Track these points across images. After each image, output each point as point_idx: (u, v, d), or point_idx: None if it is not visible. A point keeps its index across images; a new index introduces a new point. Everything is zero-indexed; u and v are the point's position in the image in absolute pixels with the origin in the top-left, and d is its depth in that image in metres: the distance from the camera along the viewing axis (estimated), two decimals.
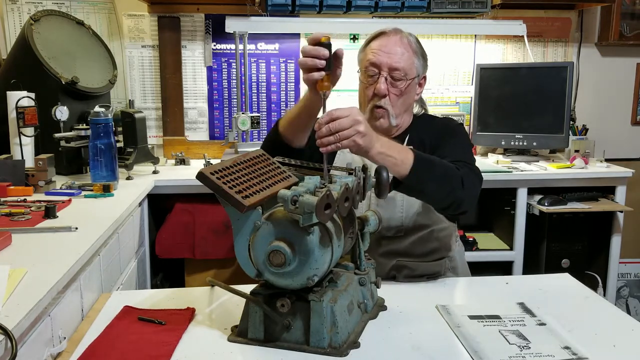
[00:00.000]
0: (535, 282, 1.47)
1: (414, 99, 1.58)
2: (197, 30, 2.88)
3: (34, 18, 2.35)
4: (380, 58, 1.50)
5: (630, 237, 2.97)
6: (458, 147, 1.50)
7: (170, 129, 2.91)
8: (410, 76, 1.52)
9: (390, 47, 1.50)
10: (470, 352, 1.07)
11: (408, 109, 1.59)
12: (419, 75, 1.56)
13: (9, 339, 0.89)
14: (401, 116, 1.56)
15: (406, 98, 1.54)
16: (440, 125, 1.61)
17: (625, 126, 3.19)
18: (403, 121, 1.59)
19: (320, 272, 1.06)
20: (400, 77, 1.50)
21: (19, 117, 2.09)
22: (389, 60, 1.49)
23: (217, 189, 1.03)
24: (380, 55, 1.50)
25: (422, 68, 1.57)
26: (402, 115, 1.57)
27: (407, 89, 1.52)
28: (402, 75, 1.50)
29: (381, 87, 1.49)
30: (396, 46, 1.51)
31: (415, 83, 1.55)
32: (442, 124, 1.63)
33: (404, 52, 1.51)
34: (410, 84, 1.52)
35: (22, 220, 1.57)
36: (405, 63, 1.50)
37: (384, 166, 1.22)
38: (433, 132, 1.58)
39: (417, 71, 1.54)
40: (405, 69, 1.50)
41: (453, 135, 1.56)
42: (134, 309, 1.25)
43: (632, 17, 3.03)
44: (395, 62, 1.49)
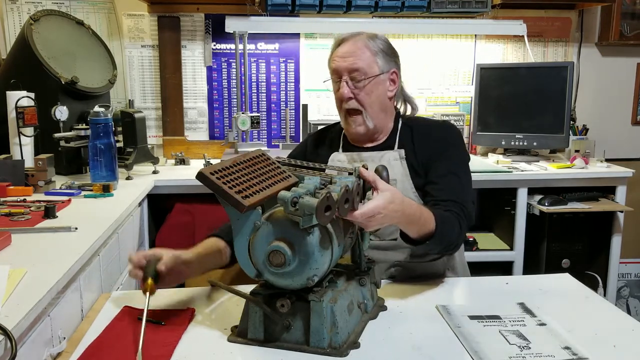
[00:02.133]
0: (536, 282, 1.47)
1: (387, 95, 1.56)
2: (197, 30, 2.88)
3: (33, 18, 2.34)
4: (339, 64, 1.52)
5: (630, 237, 2.97)
6: (455, 179, 1.48)
7: (170, 128, 2.91)
8: (370, 74, 1.51)
9: (348, 52, 1.52)
10: (470, 353, 1.07)
11: (385, 108, 1.57)
12: (384, 71, 1.53)
13: (9, 339, 0.89)
14: (377, 116, 1.54)
15: (376, 96, 1.53)
16: (436, 138, 1.56)
17: (625, 126, 3.19)
18: (384, 122, 1.58)
19: (320, 272, 1.06)
20: (360, 78, 1.50)
21: (19, 117, 2.09)
22: (346, 65, 1.51)
23: (217, 189, 1.03)
24: (337, 62, 1.52)
25: (387, 64, 1.54)
26: (380, 116, 1.55)
27: (372, 87, 1.51)
28: (362, 75, 1.50)
29: (343, 91, 1.51)
30: (352, 48, 1.52)
31: (382, 80, 1.53)
32: (439, 137, 1.56)
33: (361, 53, 1.51)
34: (373, 81, 1.51)
35: (22, 220, 1.56)
36: (363, 63, 1.50)
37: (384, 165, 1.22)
38: (428, 144, 1.54)
39: (380, 68, 1.52)
40: (364, 68, 1.50)
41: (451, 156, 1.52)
42: (134, 309, 1.25)
43: (632, 17, 3.02)
44: (353, 64, 1.50)
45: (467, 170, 1.54)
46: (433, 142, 1.54)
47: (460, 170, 1.51)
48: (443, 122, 1.68)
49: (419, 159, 1.53)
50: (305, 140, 1.76)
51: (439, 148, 1.52)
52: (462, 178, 1.50)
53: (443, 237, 1.31)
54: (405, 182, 1.52)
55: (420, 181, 1.51)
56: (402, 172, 1.53)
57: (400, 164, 1.53)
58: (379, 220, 1.15)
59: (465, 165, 1.55)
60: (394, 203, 1.16)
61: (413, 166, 1.53)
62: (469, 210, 1.43)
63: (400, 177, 1.52)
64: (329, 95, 2.96)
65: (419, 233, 1.28)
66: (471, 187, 1.53)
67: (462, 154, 1.56)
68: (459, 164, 1.52)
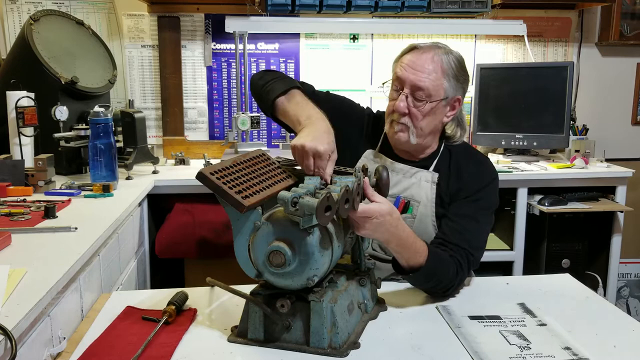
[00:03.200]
0: (536, 282, 1.47)
1: (441, 121, 1.48)
2: (197, 30, 2.88)
3: (33, 18, 2.34)
4: (405, 74, 1.42)
5: (630, 237, 2.97)
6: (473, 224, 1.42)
7: (170, 128, 2.91)
8: (434, 98, 1.41)
9: (419, 64, 1.41)
10: (471, 353, 1.07)
11: (434, 131, 1.49)
12: (448, 97, 1.44)
13: (9, 339, 0.89)
14: (424, 137, 1.47)
15: (431, 120, 1.44)
16: (472, 175, 1.48)
17: (625, 126, 3.19)
18: (429, 143, 1.51)
19: (320, 272, 1.06)
20: (422, 98, 1.41)
21: (19, 117, 2.08)
22: (413, 78, 1.40)
23: (217, 189, 1.03)
24: (406, 71, 1.42)
25: (453, 90, 1.44)
26: (426, 137, 1.48)
27: (430, 111, 1.43)
28: (425, 96, 1.41)
29: (400, 105, 1.42)
30: (425, 64, 1.41)
31: (442, 105, 1.44)
32: (475, 175, 1.48)
33: (432, 71, 1.41)
34: (434, 106, 1.42)
35: (22, 220, 1.56)
36: (430, 83, 1.40)
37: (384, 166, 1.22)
38: (462, 178, 1.47)
39: (445, 93, 1.43)
40: (429, 89, 1.40)
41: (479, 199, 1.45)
42: (136, 309, 1.25)
43: (632, 17, 3.02)
44: (419, 81, 1.40)
45: (490, 217, 1.48)
46: (467, 178, 1.47)
47: (482, 216, 1.45)
48: (484, 160, 1.56)
49: (450, 189, 1.47)
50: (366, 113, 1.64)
51: (470, 186, 1.46)
52: (481, 224, 1.44)
53: (432, 275, 1.29)
54: (427, 207, 1.46)
55: (442, 211, 1.46)
56: (429, 196, 1.47)
57: (430, 188, 1.47)
58: (374, 225, 1.15)
59: (490, 211, 1.48)
60: (392, 217, 1.17)
61: (441, 194, 1.47)
62: (475, 258, 1.39)
63: (425, 200, 1.46)
64: None
65: (408, 262, 1.27)
66: (488, 234, 1.47)
67: (491, 199, 1.48)
68: (483, 209, 1.45)
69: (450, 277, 1.32)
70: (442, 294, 1.35)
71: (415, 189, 1.47)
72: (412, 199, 1.47)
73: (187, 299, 1.28)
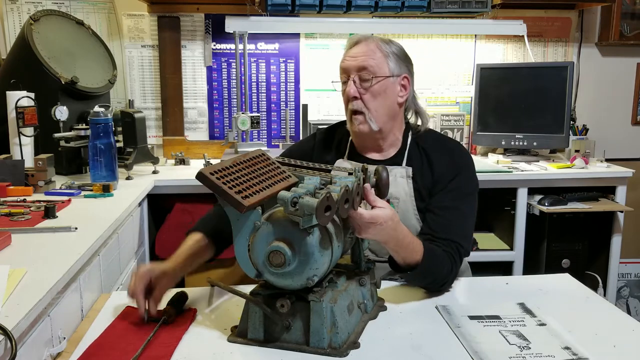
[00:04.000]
0: (536, 282, 1.47)
1: (396, 101, 1.50)
2: (197, 30, 2.88)
3: (33, 18, 2.34)
4: (347, 63, 1.48)
5: (630, 237, 2.97)
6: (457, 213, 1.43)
7: (170, 128, 2.91)
8: (379, 74, 1.45)
9: (358, 52, 1.48)
10: (470, 353, 1.07)
11: (393, 114, 1.51)
12: (394, 74, 1.47)
13: (9, 339, 0.89)
14: (383, 121, 1.48)
15: (383, 100, 1.47)
16: (446, 163, 1.49)
17: (625, 126, 3.19)
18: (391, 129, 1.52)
19: (320, 272, 1.06)
20: (368, 77, 1.45)
21: (19, 117, 2.09)
22: (354, 63, 1.47)
23: (216, 189, 1.03)
24: (348, 61, 1.48)
25: (398, 68, 1.48)
26: (386, 121, 1.49)
27: (380, 89, 1.46)
28: (371, 74, 1.45)
29: (350, 90, 1.46)
30: (364, 49, 1.48)
31: (391, 83, 1.47)
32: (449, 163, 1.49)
33: (372, 53, 1.47)
34: (381, 82, 1.46)
35: (22, 220, 1.56)
36: (373, 62, 1.46)
37: (384, 166, 1.22)
38: (436, 169, 1.48)
39: (390, 71, 1.47)
40: (372, 67, 1.45)
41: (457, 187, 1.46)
42: (136, 309, 1.25)
43: (632, 17, 3.03)
44: (361, 62, 1.46)
45: (472, 201, 1.48)
46: (441, 169, 1.48)
47: (464, 203, 1.45)
48: (454, 147, 1.56)
49: (425, 182, 1.48)
50: (314, 136, 1.69)
51: (445, 176, 1.47)
52: (465, 213, 1.45)
53: (428, 271, 1.30)
54: (408, 203, 1.47)
55: (422, 204, 1.47)
56: (407, 191, 1.48)
57: (406, 183, 1.48)
58: (375, 230, 1.17)
59: (471, 196, 1.48)
60: (392, 221, 1.19)
61: (418, 188, 1.48)
62: (465, 248, 1.40)
63: (404, 196, 1.47)
64: (329, 95, 2.97)
65: (405, 260, 1.28)
66: (474, 219, 1.47)
67: (470, 184, 1.49)
68: (463, 196, 1.46)
69: (445, 273, 1.34)
70: (437, 289, 1.37)
71: (392, 187, 1.45)
72: (391, 197, 1.47)
73: (187, 299, 1.28)
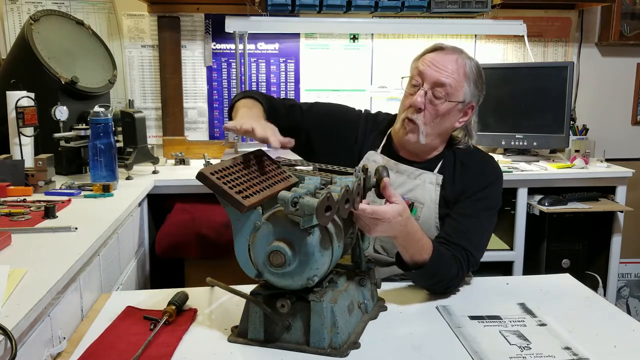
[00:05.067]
0: (536, 282, 1.47)
1: (453, 125, 1.46)
2: (197, 30, 2.88)
3: (33, 18, 2.34)
4: (428, 69, 1.41)
5: (630, 237, 2.97)
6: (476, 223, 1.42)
7: (170, 129, 2.91)
8: (453, 98, 1.40)
9: (442, 63, 1.41)
10: (471, 353, 1.07)
11: (443, 134, 1.48)
12: (465, 101, 1.43)
13: (9, 339, 0.89)
14: (432, 137, 1.45)
15: (442, 121, 1.43)
16: (476, 176, 1.47)
17: (625, 126, 3.19)
18: (436, 145, 1.50)
19: (321, 272, 1.06)
20: (441, 96, 1.40)
21: (19, 117, 2.08)
22: (435, 74, 1.40)
23: (217, 189, 1.03)
24: (429, 67, 1.41)
25: (470, 95, 1.43)
26: (434, 138, 1.46)
27: (445, 112, 1.42)
28: (444, 94, 1.39)
29: (417, 99, 1.40)
30: (448, 64, 1.41)
31: (457, 108, 1.43)
32: (480, 176, 1.47)
33: (455, 72, 1.40)
34: (450, 107, 1.41)
35: (22, 220, 1.56)
36: (452, 82, 1.40)
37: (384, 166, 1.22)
38: (466, 179, 1.47)
39: (463, 96, 1.42)
40: (450, 87, 1.39)
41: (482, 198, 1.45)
42: (136, 309, 1.25)
43: (632, 17, 3.03)
44: (441, 78, 1.39)
45: (493, 217, 1.48)
46: (471, 178, 1.47)
47: (485, 216, 1.45)
48: (488, 160, 1.54)
49: (454, 191, 1.47)
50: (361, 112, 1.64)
51: (474, 186, 1.45)
52: (484, 224, 1.44)
53: (434, 272, 1.30)
54: (431, 209, 1.46)
55: (445, 211, 1.46)
56: (432, 198, 1.46)
57: (434, 190, 1.46)
58: (383, 227, 1.17)
59: (493, 211, 1.48)
60: (401, 217, 1.18)
61: (445, 195, 1.46)
62: (475, 258, 1.39)
63: (429, 202, 1.46)
64: (329, 95, 2.97)
65: (412, 258, 1.28)
66: (490, 234, 1.47)
67: (495, 199, 1.48)
68: (486, 209, 1.45)
69: (451, 277, 1.33)
70: (441, 292, 1.36)
71: (419, 191, 1.47)
72: (416, 200, 1.47)
73: (187, 299, 1.28)
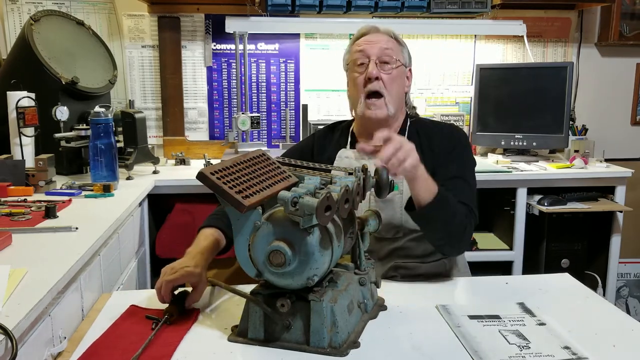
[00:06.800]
0: (535, 282, 1.47)
1: (404, 90, 1.58)
2: (197, 30, 2.89)
3: (34, 18, 2.35)
4: (367, 46, 1.52)
5: (629, 237, 2.98)
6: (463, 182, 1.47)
7: (170, 129, 2.91)
8: (400, 61, 1.53)
9: (376, 38, 1.54)
10: (470, 352, 1.07)
11: (400, 101, 1.57)
12: (406, 64, 1.57)
13: (9, 339, 0.89)
14: (396, 106, 1.54)
15: (398, 85, 1.54)
16: (444, 144, 1.53)
17: (625, 126, 3.20)
18: (398, 115, 1.58)
19: (320, 272, 1.06)
20: (390, 60, 1.51)
21: (19, 117, 2.09)
22: (376, 45, 1.52)
23: (217, 189, 1.03)
24: (367, 44, 1.53)
25: (407, 59, 1.58)
26: (397, 107, 1.55)
27: (397, 74, 1.52)
28: (393, 58, 1.51)
29: (372, 71, 1.49)
30: (381, 37, 1.54)
31: (404, 72, 1.56)
32: (447, 142, 1.54)
33: (389, 40, 1.54)
34: (399, 68, 1.53)
35: (23, 220, 1.57)
36: (392, 47, 1.53)
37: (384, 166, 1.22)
38: (436, 150, 1.52)
39: (404, 59, 1.55)
40: (393, 51, 1.52)
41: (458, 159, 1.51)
42: (139, 308, 1.25)
43: (632, 17, 3.03)
44: (383, 45, 1.51)
45: (472, 173, 1.53)
46: (440, 148, 1.53)
47: (467, 175, 1.50)
48: (450, 127, 1.62)
49: (427, 159, 1.47)
50: (313, 135, 1.73)
51: (446, 153, 1.51)
52: (470, 182, 1.50)
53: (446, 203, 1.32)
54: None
55: None
56: None
57: None
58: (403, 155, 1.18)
59: (472, 170, 1.54)
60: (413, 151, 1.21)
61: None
62: (475, 213, 1.44)
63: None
64: (328, 95, 2.98)
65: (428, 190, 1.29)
66: (476, 192, 1.52)
67: (470, 158, 1.55)
68: (466, 169, 1.51)
69: (463, 215, 1.36)
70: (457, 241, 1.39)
71: None
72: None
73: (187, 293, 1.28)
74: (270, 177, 1.15)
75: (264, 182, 1.12)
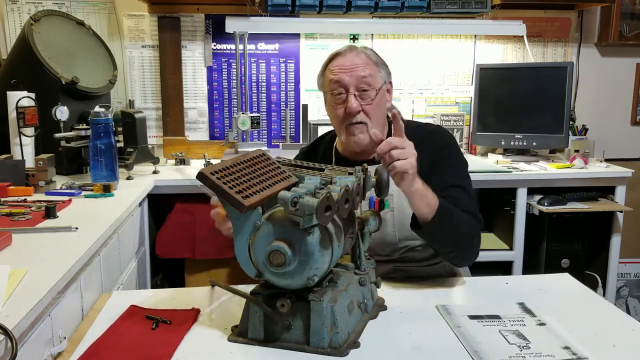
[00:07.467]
0: (535, 282, 1.47)
1: (386, 107, 1.54)
2: (197, 30, 2.89)
3: (34, 18, 2.35)
4: (343, 75, 1.47)
5: (629, 237, 2.97)
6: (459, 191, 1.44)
7: (170, 129, 2.91)
8: (377, 86, 1.48)
9: (349, 64, 1.47)
10: (470, 352, 1.07)
11: (383, 120, 1.55)
12: (385, 82, 1.52)
13: (9, 339, 0.89)
14: (380, 129, 1.52)
15: (381, 109, 1.51)
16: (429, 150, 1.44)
17: (625, 126, 3.19)
18: (382, 135, 1.53)
19: (320, 272, 1.06)
20: (368, 88, 1.46)
21: (19, 117, 2.09)
22: (354, 74, 1.46)
23: (217, 189, 1.03)
24: (342, 72, 1.47)
25: (386, 75, 1.52)
26: (382, 129, 1.53)
27: (378, 100, 1.48)
28: (370, 87, 1.46)
29: (352, 105, 1.45)
30: (355, 59, 1.48)
31: (383, 91, 1.51)
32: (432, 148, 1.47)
33: (364, 63, 1.48)
34: (378, 93, 1.48)
35: (23, 220, 1.57)
36: (369, 74, 1.47)
37: (384, 167, 1.22)
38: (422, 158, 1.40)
39: (382, 80, 1.50)
40: (370, 78, 1.47)
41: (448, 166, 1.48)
42: (139, 309, 1.25)
43: (631, 17, 3.03)
44: (361, 78, 1.46)
45: (467, 177, 1.51)
46: (426, 155, 1.43)
47: (462, 181, 1.47)
48: (433, 130, 1.59)
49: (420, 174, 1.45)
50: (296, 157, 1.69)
51: (433, 161, 1.45)
52: (466, 188, 1.47)
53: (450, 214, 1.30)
54: (402, 198, 1.41)
55: None
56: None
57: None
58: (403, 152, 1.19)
59: (464, 172, 1.51)
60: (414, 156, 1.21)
61: None
62: (479, 218, 1.42)
63: (397, 192, 1.42)
64: None
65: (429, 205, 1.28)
66: (474, 194, 1.50)
67: (459, 161, 1.52)
68: (457, 174, 1.48)
69: (469, 224, 1.35)
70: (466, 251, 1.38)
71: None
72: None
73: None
74: (270, 177, 1.15)
75: (264, 182, 1.12)
